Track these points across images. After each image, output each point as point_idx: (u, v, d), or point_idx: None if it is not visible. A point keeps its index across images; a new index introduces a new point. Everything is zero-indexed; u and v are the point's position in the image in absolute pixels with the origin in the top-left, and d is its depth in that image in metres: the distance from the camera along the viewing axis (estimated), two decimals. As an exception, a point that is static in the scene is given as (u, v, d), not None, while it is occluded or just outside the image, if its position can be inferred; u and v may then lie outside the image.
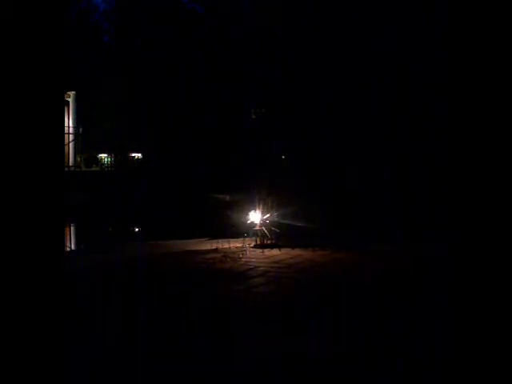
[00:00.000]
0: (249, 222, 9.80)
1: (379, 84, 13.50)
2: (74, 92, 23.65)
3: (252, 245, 9.44)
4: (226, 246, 9.22)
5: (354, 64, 13.72)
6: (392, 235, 10.01)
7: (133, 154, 28.63)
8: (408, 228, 10.56)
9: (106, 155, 28.42)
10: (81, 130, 24.44)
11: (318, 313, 5.60)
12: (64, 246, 10.21)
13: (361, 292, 6.38)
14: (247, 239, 9.61)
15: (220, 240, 9.46)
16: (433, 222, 9.89)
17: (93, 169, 26.15)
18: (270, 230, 9.60)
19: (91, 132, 26.70)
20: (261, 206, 9.84)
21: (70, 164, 22.33)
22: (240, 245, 9.45)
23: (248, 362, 4.25)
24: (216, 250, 8.95)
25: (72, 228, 13.52)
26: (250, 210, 9.82)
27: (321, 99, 14.17)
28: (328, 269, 7.66)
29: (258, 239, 9.54)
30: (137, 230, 15.26)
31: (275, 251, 8.92)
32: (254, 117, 19.77)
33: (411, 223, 10.87)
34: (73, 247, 11.14)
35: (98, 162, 28.18)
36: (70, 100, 23.66)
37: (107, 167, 26.82)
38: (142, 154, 28.05)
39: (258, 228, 9.63)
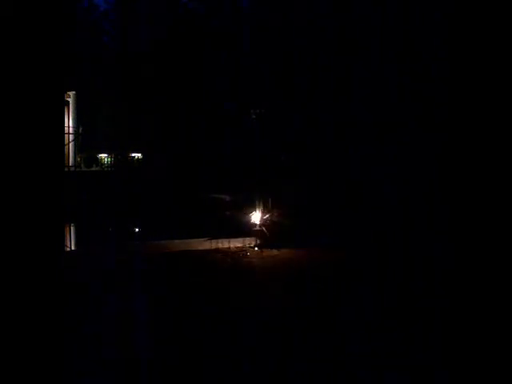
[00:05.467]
0: (249, 222, 9.79)
1: (377, 83, 13.50)
2: (73, 92, 23.60)
3: (252, 245, 9.43)
4: (226, 245, 9.21)
5: (351, 62, 13.73)
6: (392, 236, 9.99)
7: (133, 154, 28.56)
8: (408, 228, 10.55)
9: (106, 155, 28.34)
10: (81, 129, 24.37)
11: (317, 314, 5.60)
12: (64, 245, 10.20)
13: (362, 297, 6.38)
14: (247, 239, 9.60)
15: (220, 240, 9.45)
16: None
17: (93, 169, 26.04)
18: (269, 230, 9.59)
19: (91, 132, 26.63)
20: (261, 206, 9.84)
21: (70, 164, 22.27)
22: (240, 245, 9.45)
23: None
24: (216, 250, 8.95)
25: (72, 228, 13.49)
26: (250, 210, 9.82)
27: (319, 99, 14.17)
28: (328, 270, 7.66)
29: (258, 239, 9.54)
30: (137, 229, 15.24)
31: (275, 251, 8.91)
32: (254, 117, 19.78)
33: (411, 223, 10.85)
34: (73, 247, 11.11)
35: (98, 162, 28.08)
36: (70, 100, 23.61)
37: (107, 167, 26.76)
38: (142, 154, 28.02)
39: (258, 228, 9.63)
